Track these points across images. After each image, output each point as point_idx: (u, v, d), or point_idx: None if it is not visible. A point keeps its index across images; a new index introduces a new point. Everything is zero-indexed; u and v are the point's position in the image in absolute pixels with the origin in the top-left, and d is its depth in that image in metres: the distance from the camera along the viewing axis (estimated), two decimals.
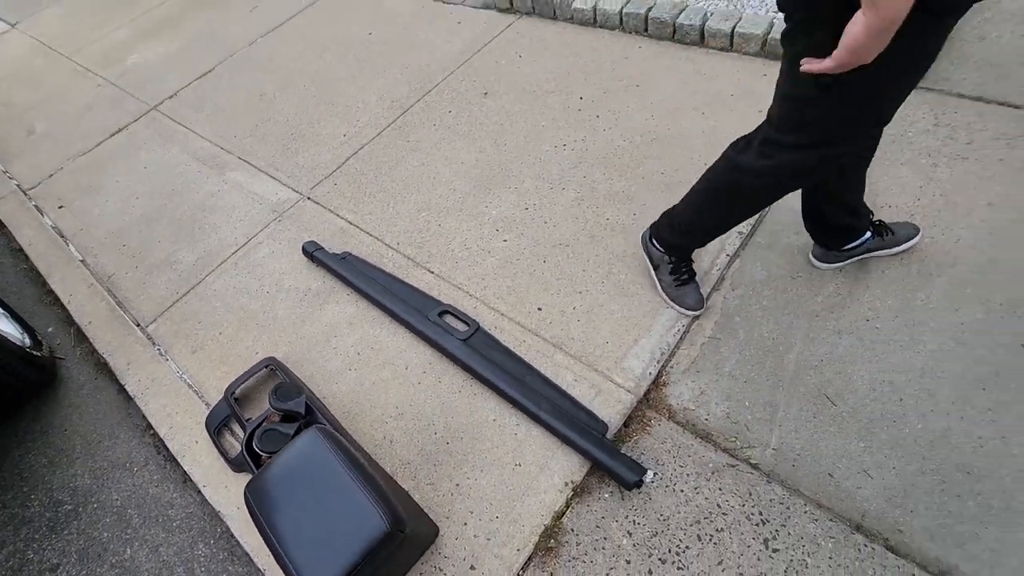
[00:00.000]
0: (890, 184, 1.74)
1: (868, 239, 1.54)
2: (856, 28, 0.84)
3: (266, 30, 3.49)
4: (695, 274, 1.61)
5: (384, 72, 2.83)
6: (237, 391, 1.68)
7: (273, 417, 1.52)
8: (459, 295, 1.82)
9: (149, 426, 1.80)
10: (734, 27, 2.27)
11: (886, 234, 1.56)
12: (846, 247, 1.55)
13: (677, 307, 1.61)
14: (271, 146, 2.62)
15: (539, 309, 1.72)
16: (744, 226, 1.75)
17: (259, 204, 2.34)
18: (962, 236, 1.58)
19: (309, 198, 2.31)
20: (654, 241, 1.61)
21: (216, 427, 1.65)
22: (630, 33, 2.56)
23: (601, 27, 2.65)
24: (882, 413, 1.35)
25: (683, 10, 2.42)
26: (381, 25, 3.16)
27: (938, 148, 1.78)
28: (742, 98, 2.10)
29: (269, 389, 1.59)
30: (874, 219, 1.54)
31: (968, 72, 1.95)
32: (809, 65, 0.96)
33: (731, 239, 1.73)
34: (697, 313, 1.59)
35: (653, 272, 1.65)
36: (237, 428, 1.65)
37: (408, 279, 1.90)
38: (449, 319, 1.74)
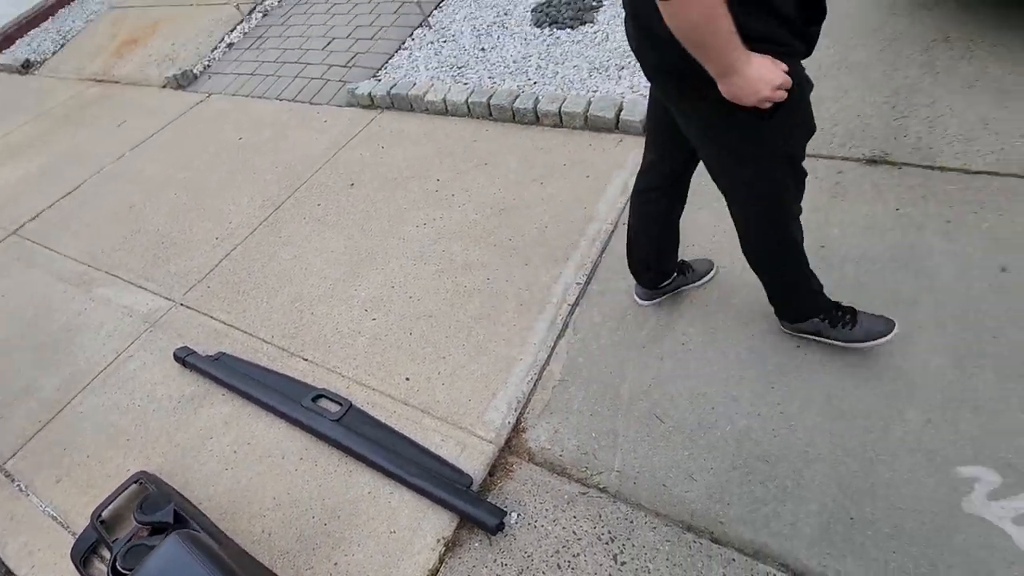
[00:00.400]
0: (691, 227, 2.06)
1: (676, 277, 1.82)
2: (721, 88, 1.02)
3: (135, 144, 3.54)
4: (854, 309, 1.55)
5: (255, 174, 2.96)
6: (104, 513, 1.64)
7: (141, 532, 1.51)
8: (332, 377, 1.90)
9: (9, 571, 1.68)
10: (560, 107, 2.64)
11: (688, 271, 1.85)
12: (661, 286, 1.82)
13: (875, 343, 1.52)
14: (141, 257, 2.63)
15: (407, 379, 1.84)
16: (580, 276, 2.00)
17: (129, 317, 2.33)
18: (746, 264, 1.90)
19: (182, 304, 2.34)
20: (793, 324, 1.60)
21: (83, 556, 1.59)
22: (478, 119, 2.89)
23: (452, 115, 2.96)
24: (699, 422, 1.57)
25: (518, 96, 2.78)
26: (251, 130, 3.32)
27: None
28: (573, 167, 2.43)
29: None
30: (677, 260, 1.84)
31: None
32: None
33: (571, 290, 1.97)
34: (896, 331, 1.51)
35: (825, 340, 1.59)
36: (106, 552, 1.60)
37: (283, 370, 1.96)
38: (323, 402, 1.81)
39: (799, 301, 1.57)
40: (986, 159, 1.97)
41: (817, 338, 1.62)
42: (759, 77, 0.99)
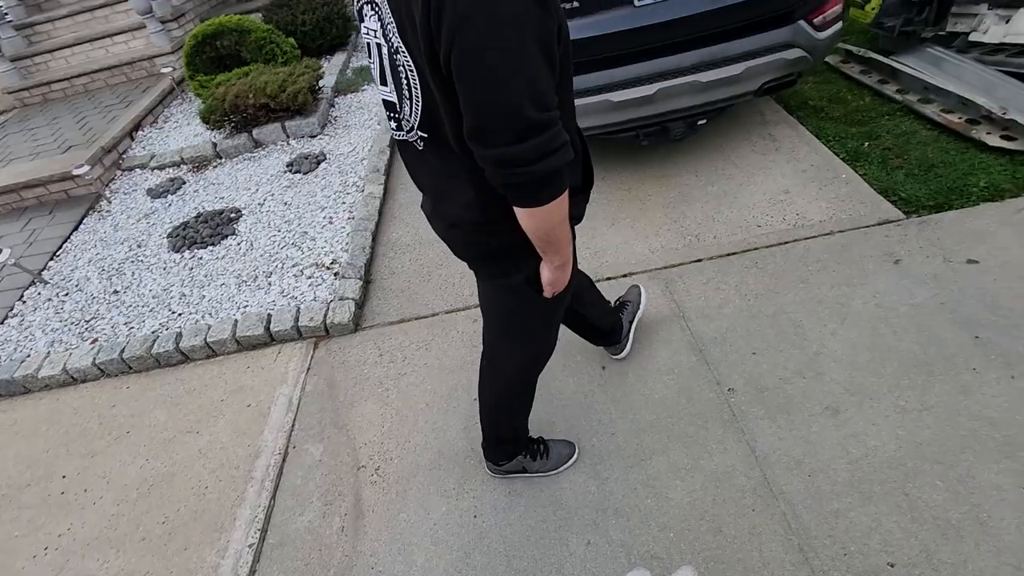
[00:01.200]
0: (359, 422, 2.03)
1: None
2: (547, 273, 1.11)
3: None
4: (543, 439, 1.74)
5: None
6: None
7: None
8: None
9: None
10: (205, 337, 2.45)
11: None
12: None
13: (565, 466, 1.72)
14: None
15: None
16: (253, 535, 1.75)
17: None
18: (417, 443, 1.91)
19: None
20: (501, 463, 1.69)
21: None
22: (115, 376, 2.49)
23: (82, 382, 2.50)
24: None
25: (156, 339, 2.50)
26: None
27: (386, 375, 2.19)
28: (231, 399, 2.22)
29: None
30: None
31: (391, 302, 2.53)
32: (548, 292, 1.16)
33: (244, 559, 1.70)
34: (576, 454, 1.74)
35: (528, 475, 1.72)
36: None
37: None
38: None
39: (515, 442, 1.67)
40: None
41: (522, 475, 1.72)
42: (571, 263, 1.13)
